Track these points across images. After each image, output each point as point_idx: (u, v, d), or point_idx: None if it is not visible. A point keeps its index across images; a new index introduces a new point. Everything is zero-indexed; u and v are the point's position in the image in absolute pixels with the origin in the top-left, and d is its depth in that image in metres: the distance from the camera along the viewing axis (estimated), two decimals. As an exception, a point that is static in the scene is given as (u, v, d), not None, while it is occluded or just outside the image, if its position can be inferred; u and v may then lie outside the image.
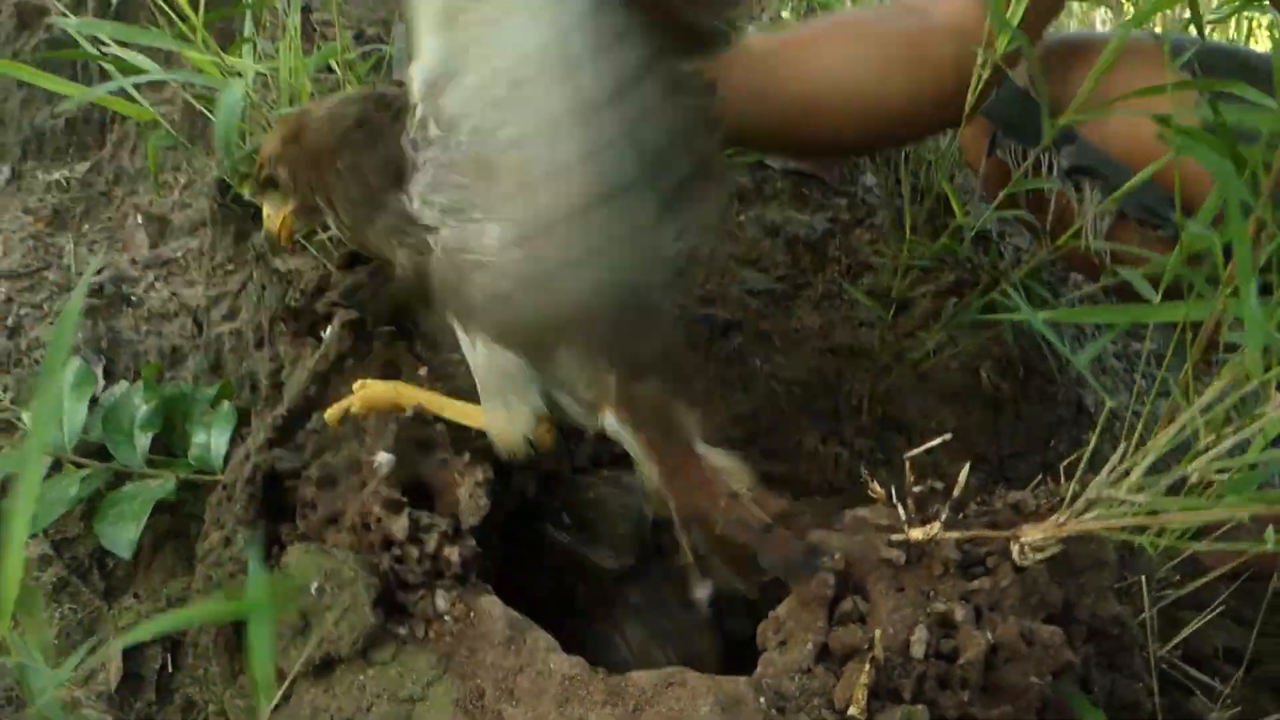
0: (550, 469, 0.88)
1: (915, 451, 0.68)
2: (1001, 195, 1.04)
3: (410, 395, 0.73)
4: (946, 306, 1.20)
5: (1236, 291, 0.65)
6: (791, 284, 1.31)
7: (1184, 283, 0.79)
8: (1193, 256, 0.82)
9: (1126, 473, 0.65)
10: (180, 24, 1.04)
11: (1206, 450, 0.69)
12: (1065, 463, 0.78)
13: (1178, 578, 0.81)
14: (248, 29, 1.03)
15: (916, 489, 0.70)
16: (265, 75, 1.08)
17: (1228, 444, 0.62)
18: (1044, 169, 1.09)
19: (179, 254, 1.24)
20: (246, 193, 1.18)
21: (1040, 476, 0.84)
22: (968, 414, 1.21)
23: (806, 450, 1.06)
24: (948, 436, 0.70)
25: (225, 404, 1.01)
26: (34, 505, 0.42)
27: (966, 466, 0.68)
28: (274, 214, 0.80)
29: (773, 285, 1.29)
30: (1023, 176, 1.09)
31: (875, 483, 0.73)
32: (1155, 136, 0.72)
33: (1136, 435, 0.75)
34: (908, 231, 1.14)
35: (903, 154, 1.38)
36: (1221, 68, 0.89)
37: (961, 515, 0.73)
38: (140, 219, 1.30)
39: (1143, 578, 0.76)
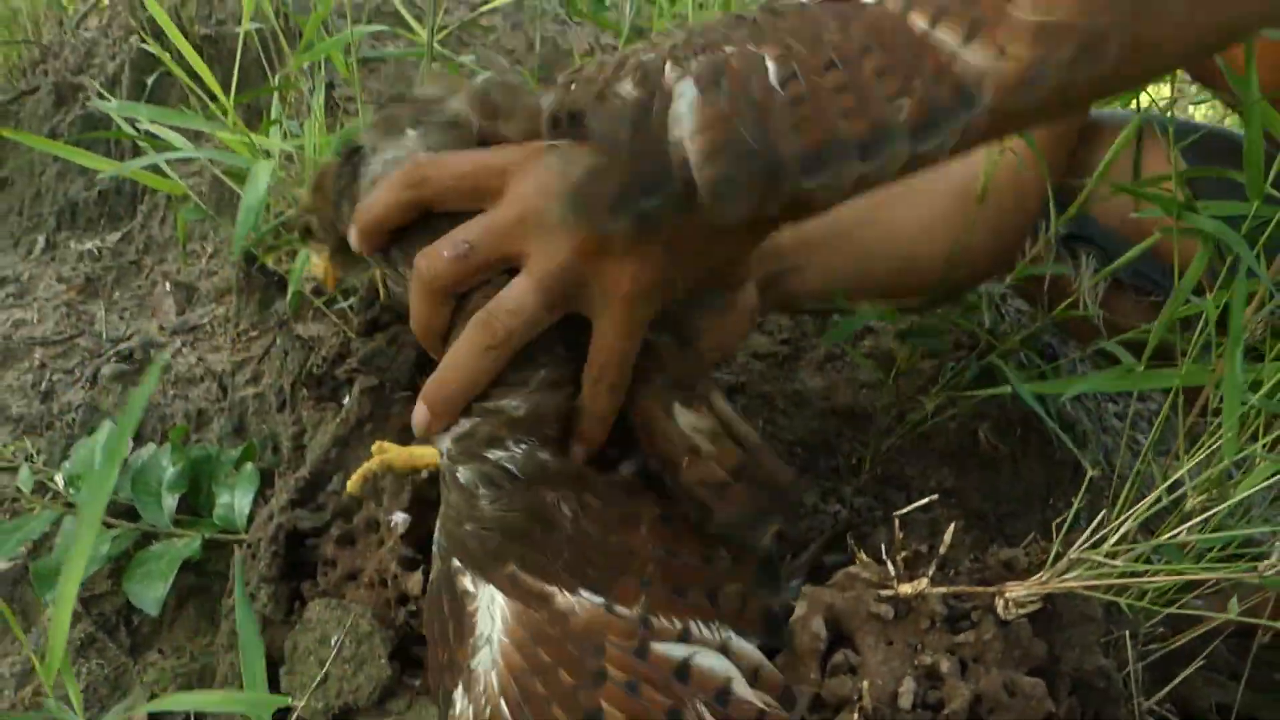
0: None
1: (905, 510, 0.72)
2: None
3: (423, 456, 0.77)
4: (945, 369, 1.24)
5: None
6: (794, 347, 1.35)
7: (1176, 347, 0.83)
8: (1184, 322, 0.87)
9: (1106, 535, 0.69)
10: (211, 105, 1.10)
11: (1190, 516, 0.73)
12: (1056, 521, 0.81)
13: (1161, 630, 0.83)
14: (274, 110, 1.09)
15: (905, 548, 0.74)
16: (291, 152, 1.14)
17: (1197, 514, 0.66)
18: (1041, 237, 1.14)
19: (205, 320, 1.29)
20: (270, 262, 1.24)
21: (1033, 535, 0.88)
22: (966, 473, 1.24)
23: (806, 507, 1.09)
24: (935, 497, 0.73)
25: (249, 466, 1.05)
26: (81, 568, 0.46)
27: (952, 526, 0.72)
28: (317, 260, 0.84)
29: (776, 348, 1.34)
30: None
31: (857, 544, 0.77)
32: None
33: (1123, 498, 0.80)
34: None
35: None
36: (1219, 151, 0.94)
37: (952, 571, 0.76)
38: (169, 287, 1.35)
39: (1126, 633, 0.79)
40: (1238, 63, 0.85)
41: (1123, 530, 0.67)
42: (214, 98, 1.14)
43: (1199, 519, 0.69)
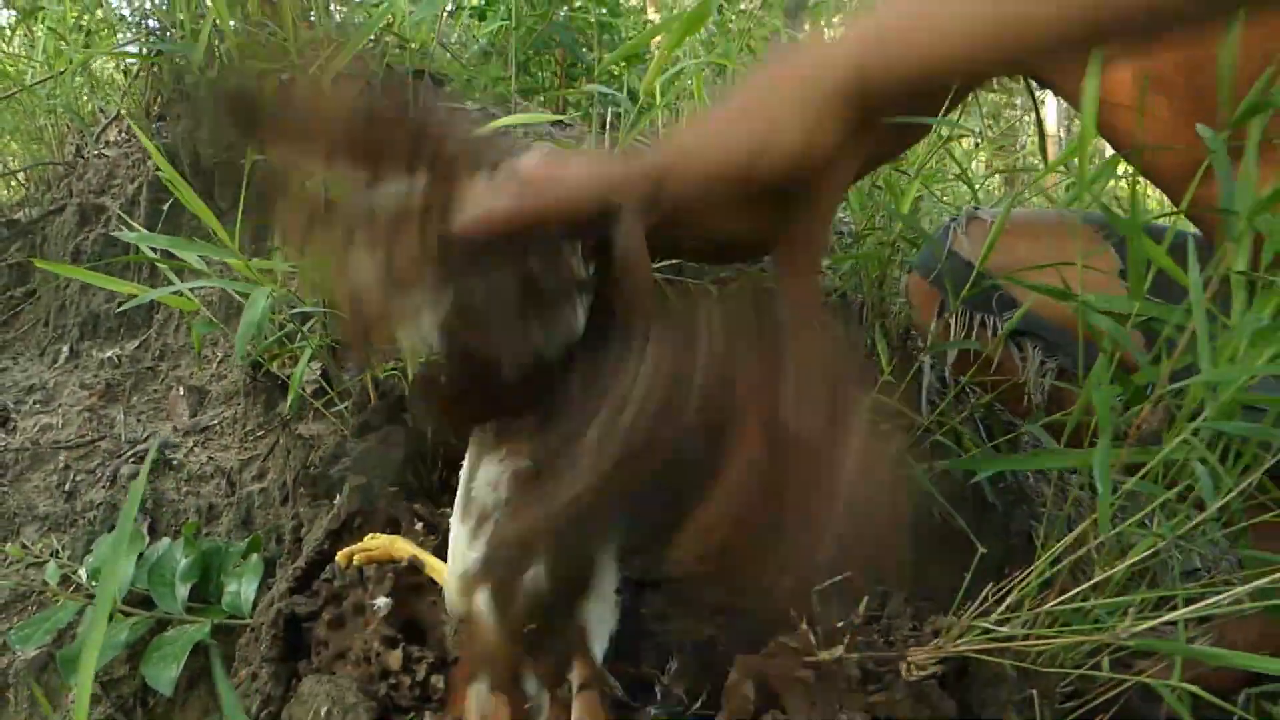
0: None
1: (822, 585, 0.81)
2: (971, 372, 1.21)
3: (403, 549, 0.87)
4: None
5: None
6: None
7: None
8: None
9: (999, 602, 0.79)
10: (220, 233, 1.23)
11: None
12: (986, 591, 0.91)
13: (1073, 689, 0.92)
14: (276, 239, 1.21)
15: (829, 619, 0.84)
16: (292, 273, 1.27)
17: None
18: (989, 330, 1.26)
19: (216, 421, 1.40)
20: (274, 368, 1.36)
21: (957, 603, 0.97)
22: (921, 547, 1.33)
23: (764, 585, 1.18)
24: (849, 574, 0.83)
25: (254, 556, 1.15)
26: (95, 654, 0.56)
27: (865, 599, 0.82)
28: None
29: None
30: (968, 337, 1.26)
31: (796, 614, 0.86)
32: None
33: (1043, 566, 0.89)
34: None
35: (862, 314, 1.54)
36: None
37: (877, 638, 0.86)
38: (182, 391, 1.47)
39: (1034, 691, 0.88)
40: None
41: (1009, 600, 0.76)
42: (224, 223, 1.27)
43: (1077, 590, 0.79)
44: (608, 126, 1.67)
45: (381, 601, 0.84)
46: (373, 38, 1.77)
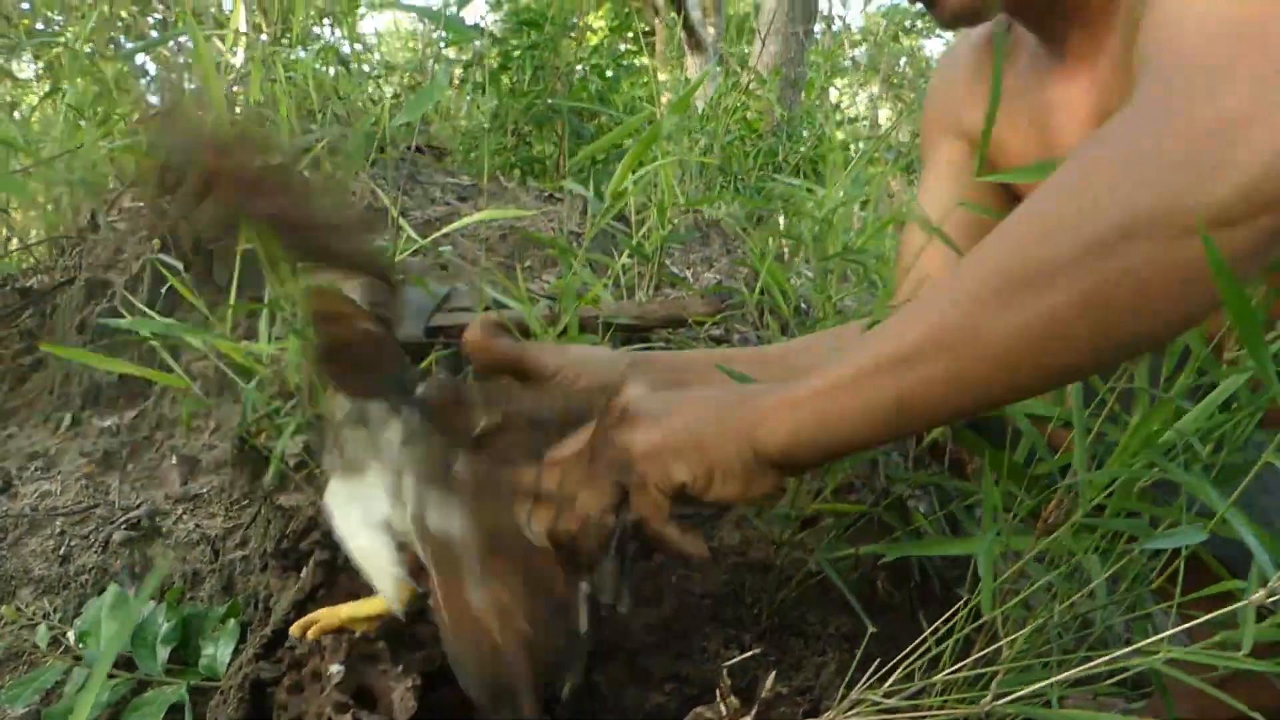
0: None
1: (732, 661, 0.89)
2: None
3: (339, 612, 0.96)
4: (836, 526, 1.43)
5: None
6: (718, 508, 1.54)
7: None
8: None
9: (885, 676, 0.87)
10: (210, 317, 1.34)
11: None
12: (892, 664, 0.99)
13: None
14: (263, 327, 1.31)
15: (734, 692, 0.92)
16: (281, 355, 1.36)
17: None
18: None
19: (204, 490, 1.50)
20: (259, 442, 1.45)
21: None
22: (865, 621, 1.41)
23: (710, 653, 1.26)
24: (755, 651, 0.91)
25: (231, 621, 1.23)
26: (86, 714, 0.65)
27: (773, 674, 0.89)
28: None
29: (699, 509, 1.52)
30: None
31: (724, 686, 0.94)
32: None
33: (930, 642, 0.97)
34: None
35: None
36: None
37: (783, 709, 0.94)
38: (175, 460, 1.56)
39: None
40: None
41: (898, 672, 0.84)
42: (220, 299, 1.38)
43: (960, 664, 0.86)
44: (588, 213, 1.78)
45: (335, 669, 0.92)
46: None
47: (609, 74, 4.30)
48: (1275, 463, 0.72)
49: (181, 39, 2.25)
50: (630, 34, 7.56)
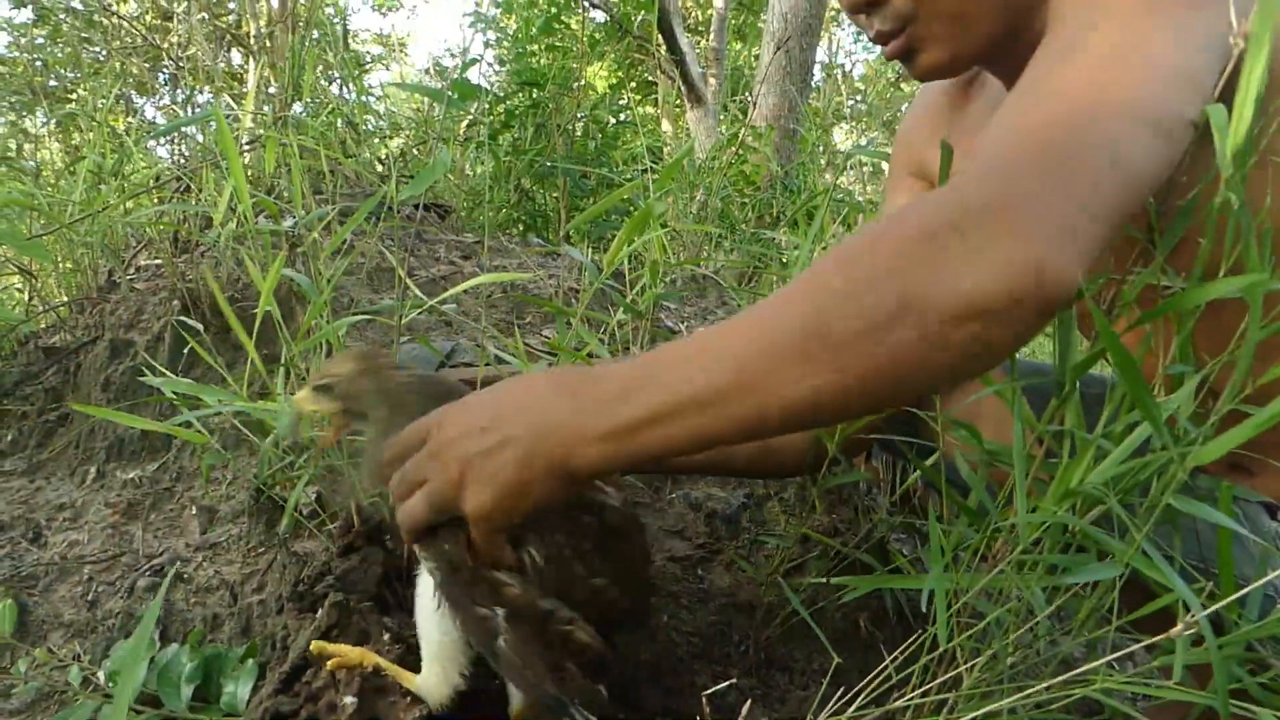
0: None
1: (711, 690, 0.98)
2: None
3: (371, 658, 1.05)
4: (811, 566, 1.51)
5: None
6: (708, 550, 1.63)
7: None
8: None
9: (852, 700, 0.95)
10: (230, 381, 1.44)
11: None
12: (856, 690, 1.07)
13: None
14: (279, 385, 1.41)
15: None
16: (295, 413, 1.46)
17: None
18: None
19: (223, 539, 1.59)
20: (275, 492, 1.54)
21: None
22: (848, 657, 1.49)
23: (699, 688, 1.34)
24: (735, 680, 1.00)
25: (250, 661, 1.32)
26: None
27: (749, 702, 0.98)
28: (306, 400, 1.06)
29: (692, 551, 1.61)
30: (897, 481, 1.44)
31: (706, 710, 1.03)
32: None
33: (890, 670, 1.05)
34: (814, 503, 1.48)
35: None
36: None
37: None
38: (195, 510, 1.65)
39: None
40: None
41: (861, 698, 0.92)
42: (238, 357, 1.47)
43: (919, 689, 0.95)
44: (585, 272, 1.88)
45: (349, 700, 1.01)
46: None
47: (609, 128, 4.44)
48: (1175, 504, 0.81)
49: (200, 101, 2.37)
50: (634, 84, 7.72)
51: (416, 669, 1.09)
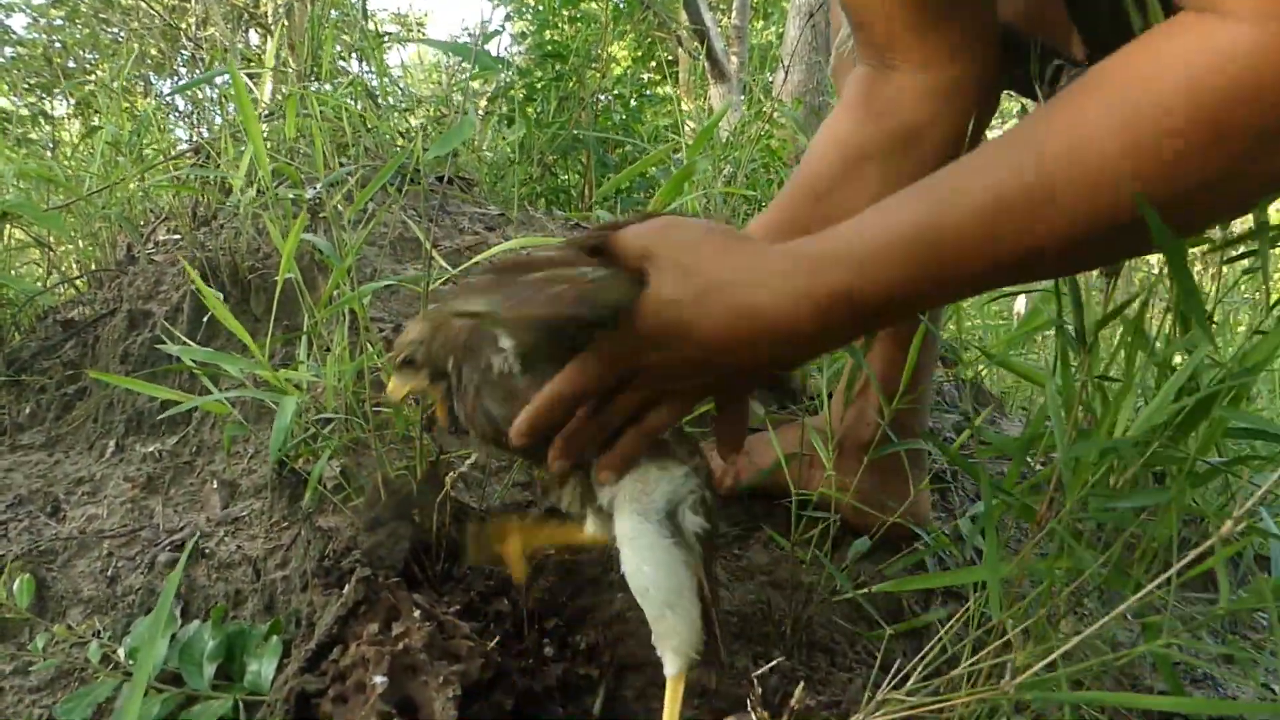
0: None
1: (760, 671, 0.92)
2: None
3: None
4: (854, 547, 1.46)
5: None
6: (746, 528, 1.58)
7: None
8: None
9: (907, 677, 0.90)
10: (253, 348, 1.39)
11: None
12: (911, 666, 1.02)
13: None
14: (302, 351, 1.36)
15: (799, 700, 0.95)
16: (318, 382, 1.41)
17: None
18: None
19: (245, 513, 1.54)
20: (298, 466, 1.50)
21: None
22: (892, 638, 1.43)
23: (738, 669, 1.29)
24: (780, 660, 0.94)
25: (274, 638, 1.27)
26: None
27: (801, 685, 0.92)
28: (400, 385, 1.02)
29: (728, 529, 1.56)
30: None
31: (758, 693, 0.98)
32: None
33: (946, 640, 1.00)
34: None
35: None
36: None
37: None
38: (215, 484, 1.61)
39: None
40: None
41: (915, 674, 0.87)
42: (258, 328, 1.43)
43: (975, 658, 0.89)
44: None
45: (378, 679, 0.96)
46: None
47: (632, 103, 4.37)
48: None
49: (218, 79, 2.32)
50: (654, 63, 7.64)
51: (446, 649, 1.05)
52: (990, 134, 1.27)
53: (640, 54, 7.27)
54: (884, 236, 0.77)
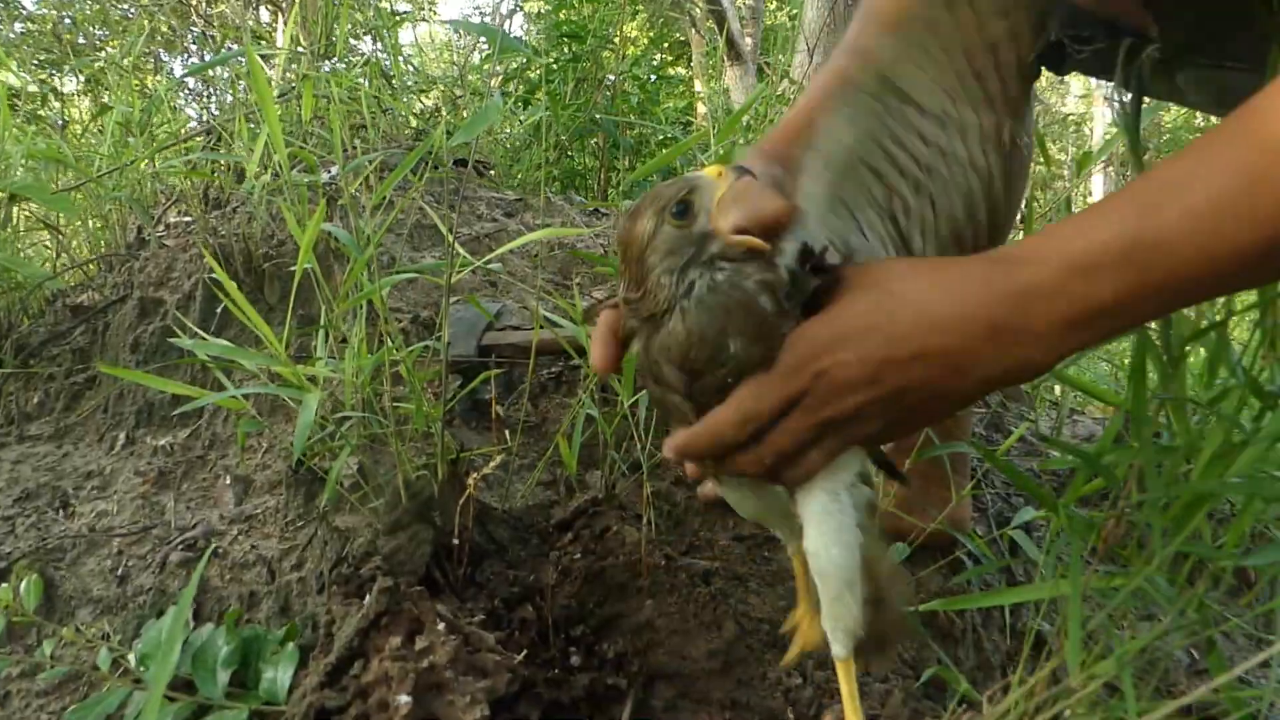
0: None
1: (794, 682, 0.88)
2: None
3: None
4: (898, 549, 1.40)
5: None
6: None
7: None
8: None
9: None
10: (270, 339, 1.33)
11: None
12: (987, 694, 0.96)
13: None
14: (320, 347, 1.30)
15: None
16: (335, 377, 1.36)
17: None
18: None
19: (259, 511, 1.49)
20: (314, 463, 1.45)
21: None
22: (926, 646, 1.39)
23: (770, 680, 1.24)
24: (809, 674, 0.89)
25: (290, 645, 1.23)
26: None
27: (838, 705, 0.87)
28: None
29: (755, 530, 1.51)
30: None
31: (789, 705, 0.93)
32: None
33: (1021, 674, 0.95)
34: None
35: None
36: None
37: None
38: (229, 480, 1.56)
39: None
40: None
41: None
42: (273, 318, 1.37)
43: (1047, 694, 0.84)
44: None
45: (402, 699, 0.91)
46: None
47: (649, 85, 4.29)
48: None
49: (234, 58, 2.26)
50: (667, 45, 7.55)
51: (472, 664, 1.00)
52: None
53: (656, 35, 7.18)
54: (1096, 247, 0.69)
